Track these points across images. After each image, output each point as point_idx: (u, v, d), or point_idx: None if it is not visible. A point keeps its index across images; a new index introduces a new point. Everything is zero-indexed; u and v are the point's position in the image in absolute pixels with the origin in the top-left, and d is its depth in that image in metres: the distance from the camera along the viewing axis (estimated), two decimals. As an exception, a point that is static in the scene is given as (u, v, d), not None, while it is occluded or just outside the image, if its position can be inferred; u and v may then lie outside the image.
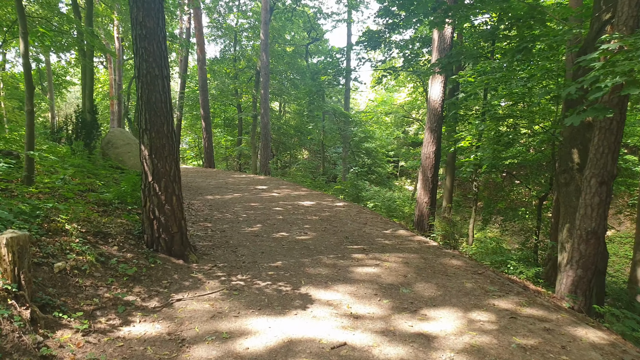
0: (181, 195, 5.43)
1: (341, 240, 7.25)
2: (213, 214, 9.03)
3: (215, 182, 15.16)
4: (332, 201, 11.54)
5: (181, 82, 27.23)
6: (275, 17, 25.05)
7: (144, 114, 4.97)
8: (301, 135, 29.41)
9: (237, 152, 26.95)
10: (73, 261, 4.24)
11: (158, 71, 4.92)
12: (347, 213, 9.84)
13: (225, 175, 18.11)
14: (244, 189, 13.18)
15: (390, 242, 7.32)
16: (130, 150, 11.06)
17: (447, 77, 11.61)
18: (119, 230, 5.42)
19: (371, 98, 35.49)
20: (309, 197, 11.97)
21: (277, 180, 16.87)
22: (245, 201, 10.76)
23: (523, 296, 5.02)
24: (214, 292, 4.61)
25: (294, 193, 12.76)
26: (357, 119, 22.94)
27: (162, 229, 5.22)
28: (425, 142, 11.91)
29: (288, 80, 28.56)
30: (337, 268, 5.67)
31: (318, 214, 9.45)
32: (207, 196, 11.45)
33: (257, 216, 8.94)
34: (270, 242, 6.86)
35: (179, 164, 5.34)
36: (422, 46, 18.78)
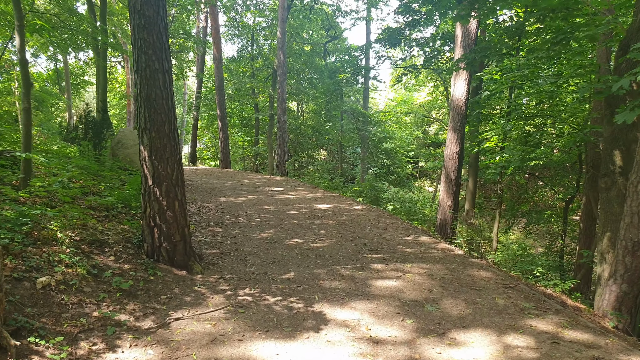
0: (184, 201, 4.98)
1: (359, 248, 6.72)
2: (225, 217, 8.59)
3: (230, 183, 14.77)
4: (350, 204, 11.01)
5: (198, 81, 27.02)
6: (293, 15, 24.62)
7: (143, 111, 4.53)
8: (319, 136, 28.93)
9: (253, 153, 26.61)
10: (60, 275, 3.81)
11: (158, 64, 4.48)
12: (366, 217, 9.30)
13: (241, 176, 17.73)
14: (258, 191, 12.74)
15: (412, 250, 6.76)
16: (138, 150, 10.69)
17: (471, 75, 10.97)
18: (118, 238, 5.00)
19: (390, 97, 34.82)
20: (325, 200, 11.46)
21: (294, 181, 16.41)
22: (259, 204, 10.31)
23: (563, 315, 4.42)
24: (218, 310, 4.14)
25: (310, 195, 12.28)
26: (376, 118, 22.34)
27: (164, 238, 4.77)
28: (448, 143, 11.29)
29: (306, 80, 28.11)
30: (354, 281, 5.14)
31: (335, 218, 8.93)
32: (220, 198, 11.04)
33: (271, 220, 8.47)
34: (282, 250, 6.37)
35: (181, 166, 4.89)
36: (443, 44, 18.10)
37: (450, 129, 11.18)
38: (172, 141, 4.68)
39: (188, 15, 26.32)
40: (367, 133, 21.44)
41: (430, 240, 7.56)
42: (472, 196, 14.78)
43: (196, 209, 9.14)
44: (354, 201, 11.90)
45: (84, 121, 10.03)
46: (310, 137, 29.95)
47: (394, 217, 10.00)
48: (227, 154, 22.65)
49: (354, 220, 8.83)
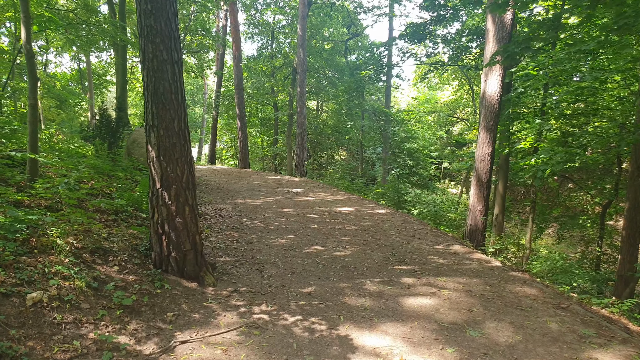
0: (196, 205, 4.52)
1: (386, 258, 6.18)
2: (242, 221, 8.15)
3: (249, 184, 14.37)
4: (373, 207, 10.46)
5: (217, 80, 26.78)
6: (313, 13, 24.13)
7: (151, 107, 4.09)
8: (339, 135, 28.38)
9: (272, 153, 26.24)
10: (55, 289, 3.38)
11: (167, 55, 4.03)
12: (391, 222, 8.74)
13: (260, 176, 17.33)
14: (277, 192, 12.29)
15: (445, 261, 6.18)
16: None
17: (505, 70, 10.29)
18: (123, 245, 4.56)
19: (413, 96, 34.06)
20: (347, 203, 10.94)
21: (313, 182, 15.93)
22: (277, 206, 9.85)
23: (632, 345, 3.80)
24: (230, 331, 3.65)
25: (330, 197, 11.77)
26: (398, 117, 21.68)
27: (173, 246, 4.32)
28: (479, 143, 10.63)
29: (326, 78, 27.60)
30: (383, 298, 4.61)
31: (358, 223, 8.40)
32: (238, 200, 10.61)
33: (290, 225, 7.98)
34: (302, 259, 5.87)
35: (193, 168, 4.43)
36: (469, 40, 17.36)
37: (482, 128, 10.51)
38: (183, 140, 4.22)
39: (208, 14, 26.12)
40: (389, 133, 20.81)
41: (463, 250, 6.96)
42: (502, 200, 14.04)
43: (212, 211, 8.72)
44: (377, 204, 11.35)
45: (100, 120, 9.70)
46: (329, 137, 29.42)
47: (421, 222, 9.42)
48: (246, 153, 22.31)
49: (379, 226, 8.28)
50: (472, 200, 10.75)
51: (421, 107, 29.43)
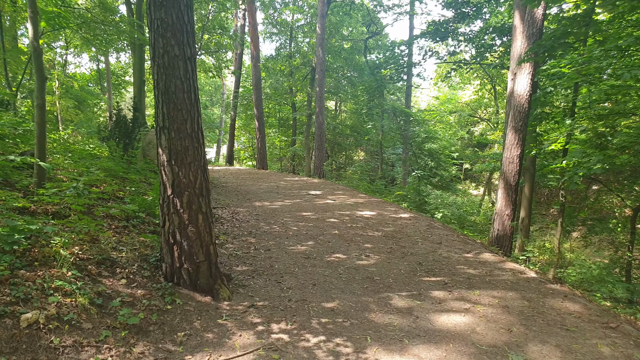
0: (210, 213, 4.19)
1: (413, 267, 5.77)
2: (259, 225, 7.82)
3: (266, 185, 14.07)
4: (396, 211, 10.04)
5: (236, 80, 26.60)
6: (332, 11, 23.76)
7: (161, 107, 3.77)
8: (357, 135, 27.95)
9: (290, 153, 25.94)
10: (54, 307, 3.08)
11: (178, 50, 3.71)
12: (415, 227, 8.31)
13: (277, 177, 17.04)
14: (295, 195, 11.95)
15: (476, 271, 5.75)
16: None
17: (535, 68, 9.76)
18: (133, 256, 4.26)
19: (434, 95, 33.41)
20: (367, 206, 10.53)
21: (332, 184, 15.56)
22: (296, 210, 9.50)
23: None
24: (246, 354, 3.30)
25: (350, 200, 11.38)
26: (419, 117, 21.15)
27: (185, 257, 4.00)
28: (507, 144, 10.12)
29: (345, 78, 27.19)
30: (413, 315, 4.21)
31: (381, 229, 7.99)
32: (255, 202, 10.31)
33: (309, 230, 7.63)
34: (323, 269, 5.51)
35: (207, 172, 4.10)
36: (492, 38, 16.77)
37: (510, 129, 10.00)
38: (196, 142, 3.90)
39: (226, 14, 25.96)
40: (410, 133, 20.32)
41: (494, 259, 6.50)
42: (528, 203, 13.45)
43: (229, 215, 8.41)
44: (399, 207, 10.92)
45: (114, 120, 9.49)
46: (348, 137, 28.99)
47: (446, 227, 8.96)
48: (264, 154, 22.07)
49: (403, 232, 7.86)
50: (499, 205, 10.24)
51: (442, 107, 28.78)
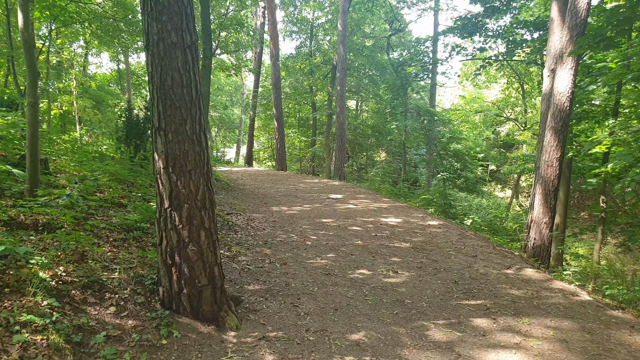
0: (215, 229, 3.59)
1: (449, 287, 5.08)
2: (276, 234, 7.23)
3: (285, 188, 13.49)
4: (423, 218, 9.32)
5: (255, 79, 26.16)
6: (354, 8, 23.07)
7: (156, 104, 3.19)
8: (379, 136, 27.18)
9: (310, 154, 25.35)
10: (18, 349, 2.51)
11: (176, 37, 3.12)
12: (446, 237, 7.59)
13: (297, 179, 16.45)
14: (315, 198, 11.33)
15: (520, 292, 5.02)
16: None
17: (578, 63, 8.91)
18: (126, 277, 3.68)
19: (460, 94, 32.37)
20: (392, 212, 9.84)
21: (353, 187, 14.89)
22: (315, 215, 8.88)
23: None
24: (252, 407, 2.69)
25: (373, 205, 10.70)
26: (444, 117, 20.29)
27: (185, 281, 3.41)
28: (546, 146, 9.30)
29: (367, 77, 26.46)
30: (454, 352, 3.53)
31: (408, 239, 7.31)
32: (273, 207, 9.73)
33: (329, 239, 6.99)
34: (346, 288, 4.86)
35: (211, 182, 3.50)
36: (527, 32, 15.83)
37: (549, 129, 9.18)
38: (197, 146, 3.30)
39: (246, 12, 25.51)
40: (435, 133, 19.48)
41: (538, 276, 5.76)
42: (564, 208, 12.55)
43: (244, 222, 7.84)
44: (427, 214, 10.19)
45: (124, 120, 9.01)
46: (369, 137, 28.24)
47: (480, 237, 8.22)
48: (283, 155, 21.52)
49: (433, 242, 7.15)
50: (536, 212, 9.43)
51: (467, 106, 27.80)
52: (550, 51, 10.46)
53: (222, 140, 47.32)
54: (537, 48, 15.26)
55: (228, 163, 29.61)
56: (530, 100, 28.16)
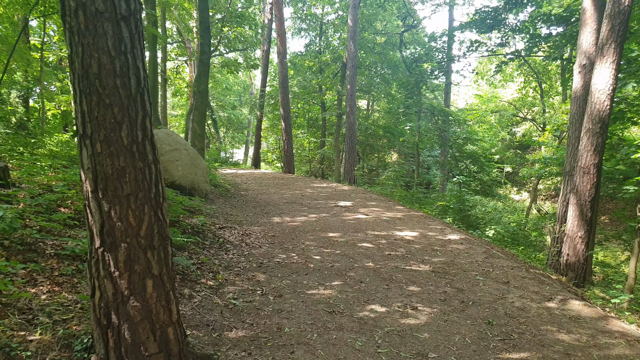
0: (170, 274, 2.59)
1: (481, 330, 4.05)
2: (274, 252, 6.26)
3: (290, 194, 12.54)
4: (442, 230, 8.28)
5: (262, 78, 25.24)
6: (365, 3, 22.06)
7: (79, 101, 2.24)
8: (391, 136, 26.11)
9: (319, 156, 24.36)
10: None
11: (103, 3, 2.16)
12: (471, 256, 6.56)
13: (304, 183, 15.49)
14: (322, 207, 10.35)
15: (572, 338, 3.99)
16: (179, 157, 8.70)
17: (621, 56, 7.81)
18: (49, 339, 2.70)
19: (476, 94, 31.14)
20: (407, 223, 8.82)
21: (364, 192, 13.87)
22: (321, 228, 7.89)
23: None
24: None
25: (386, 214, 9.69)
26: (460, 117, 19.17)
27: (126, 349, 2.44)
28: (581, 151, 8.21)
29: (378, 76, 25.40)
30: None
31: (427, 259, 6.29)
32: (274, 218, 8.76)
33: (336, 260, 6.01)
34: (353, 334, 3.86)
35: (163, 209, 2.52)
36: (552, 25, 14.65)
37: (585, 132, 8.08)
38: (140, 161, 2.32)
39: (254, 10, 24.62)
40: (450, 134, 18.39)
41: (589, 312, 4.70)
42: (593, 217, 11.43)
43: (238, 237, 6.88)
44: (445, 225, 9.15)
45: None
46: (380, 138, 27.17)
47: (508, 254, 7.17)
48: (291, 157, 20.58)
49: (456, 264, 6.12)
50: (570, 225, 8.34)
51: (483, 106, 26.59)
52: (582, 45, 9.35)
53: (231, 141, 46.57)
54: (562, 43, 14.10)
55: (235, 165, 28.75)
56: (548, 99, 26.88)
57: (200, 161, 9.26)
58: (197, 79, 10.97)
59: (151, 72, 13.66)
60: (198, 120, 10.78)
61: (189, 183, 8.74)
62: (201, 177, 9.02)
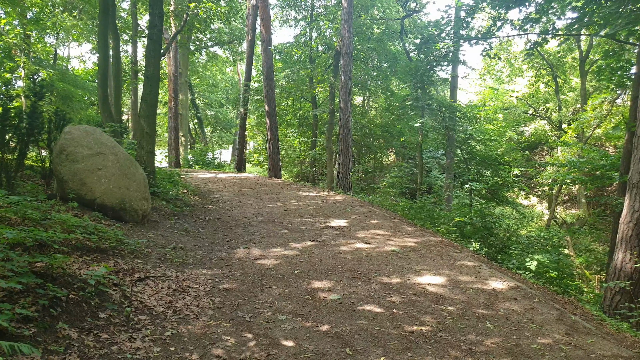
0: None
1: None
2: (215, 334, 3.71)
3: (270, 207, 9.99)
4: (477, 270, 5.75)
5: (246, 70, 22.60)
6: (361, -15, 19.48)
7: None
8: (389, 136, 23.56)
9: (309, 158, 21.78)
10: None
11: None
12: (541, 331, 4.02)
13: (290, 192, 12.91)
14: (308, 228, 7.80)
15: None
16: (104, 164, 6.10)
17: None
18: None
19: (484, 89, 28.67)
20: (425, 257, 6.29)
21: (361, 203, 11.29)
22: (303, 271, 5.33)
23: None
24: None
25: (394, 241, 7.15)
26: (470, 114, 16.63)
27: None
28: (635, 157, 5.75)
29: (375, 69, 22.83)
30: None
31: (475, 342, 3.74)
32: (238, 250, 6.21)
33: (321, 352, 3.45)
34: None
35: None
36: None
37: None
38: None
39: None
40: (459, 133, 15.86)
41: None
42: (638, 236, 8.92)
43: (165, 299, 4.26)
44: (478, 259, 6.62)
45: None
46: (378, 139, 24.61)
47: (588, 316, 4.65)
48: (277, 159, 17.95)
49: (523, 348, 3.57)
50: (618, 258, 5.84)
51: (490, 102, 24.14)
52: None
53: (218, 141, 43.88)
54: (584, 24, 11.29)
55: (219, 167, 26.04)
56: (565, 94, 24.47)
57: (137, 170, 6.64)
58: (146, 61, 8.39)
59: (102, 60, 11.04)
60: (146, 115, 8.17)
61: (117, 201, 6.13)
62: (136, 192, 6.40)
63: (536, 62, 23.75)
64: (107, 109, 12.01)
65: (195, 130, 40.18)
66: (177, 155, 23.72)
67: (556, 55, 22.74)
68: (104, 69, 11.86)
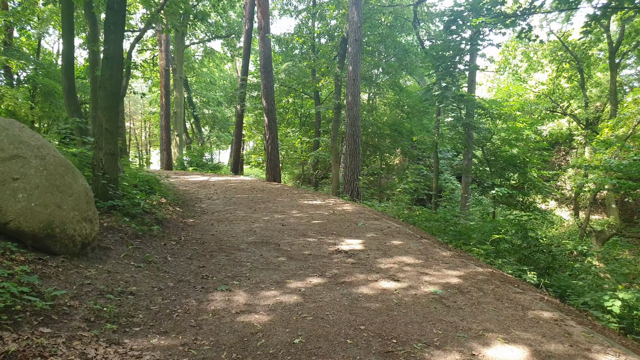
0: None
1: None
2: None
3: (266, 220, 8.12)
4: (559, 326, 3.89)
5: (243, 64, 20.75)
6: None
7: None
8: (397, 135, 21.62)
9: (312, 160, 19.86)
10: None
11: None
12: None
13: (290, 199, 11.05)
14: (313, 254, 5.92)
15: None
16: (22, 173, 4.26)
17: None
18: None
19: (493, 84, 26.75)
20: (480, 302, 4.42)
21: (376, 215, 9.40)
22: (310, 334, 3.43)
23: None
24: None
25: (431, 276, 5.27)
26: (494, 110, 14.72)
27: None
28: None
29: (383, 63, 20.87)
30: None
31: None
32: (214, 296, 4.33)
33: None
34: None
35: None
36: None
37: None
38: None
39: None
40: (483, 132, 13.97)
41: None
42: None
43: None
44: (554, 305, 4.72)
45: None
46: (386, 138, 22.67)
47: None
48: (276, 161, 16.07)
49: None
50: None
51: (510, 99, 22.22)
52: None
53: (216, 141, 42.00)
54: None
55: (215, 169, 24.08)
56: (591, 89, 22.52)
57: (75, 180, 4.76)
58: (105, 37, 6.53)
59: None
60: (105, 106, 6.32)
61: (42, 225, 4.25)
62: (73, 210, 4.52)
63: (559, 55, 21.83)
64: (73, 102, 10.15)
65: (192, 130, 38.31)
66: (169, 156, 21.88)
67: (581, 47, 20.82)
68: (69, 56, 10.03)
